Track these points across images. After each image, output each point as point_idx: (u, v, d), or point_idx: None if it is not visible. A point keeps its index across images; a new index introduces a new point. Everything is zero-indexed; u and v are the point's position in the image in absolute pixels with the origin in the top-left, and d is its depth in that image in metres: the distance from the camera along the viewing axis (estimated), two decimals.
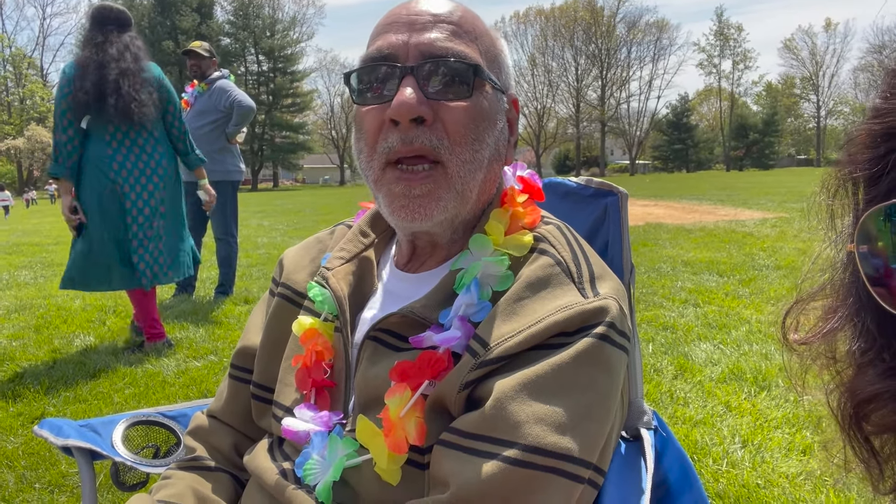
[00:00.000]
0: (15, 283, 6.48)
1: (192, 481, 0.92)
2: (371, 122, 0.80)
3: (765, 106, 77.42)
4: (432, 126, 0.78)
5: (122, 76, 3.45)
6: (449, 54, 0.79)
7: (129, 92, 3.43)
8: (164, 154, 3.66)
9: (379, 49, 0.81)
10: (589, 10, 70.67)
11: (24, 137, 54.84)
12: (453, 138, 0.79)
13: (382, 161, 0.80)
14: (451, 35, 0.81)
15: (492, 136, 0.83)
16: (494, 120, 0.83)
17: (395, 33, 0.81)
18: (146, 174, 3.55)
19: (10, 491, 2.15)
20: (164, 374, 3.33)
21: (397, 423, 0.75)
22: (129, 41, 3.60)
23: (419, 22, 0.81)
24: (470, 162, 0.80)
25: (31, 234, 13.12)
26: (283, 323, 0.95)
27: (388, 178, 0.80)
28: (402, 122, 0.77)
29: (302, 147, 64.78)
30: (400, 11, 0.83)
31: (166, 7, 57.49)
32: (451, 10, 0.83)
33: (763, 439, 2.35)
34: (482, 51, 0.83)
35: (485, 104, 0.82)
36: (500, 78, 0.86)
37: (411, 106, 0.76)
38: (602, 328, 0.74)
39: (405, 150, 0.78)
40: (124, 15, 3.67)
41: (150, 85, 3.57)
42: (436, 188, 0.79)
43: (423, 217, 0.80)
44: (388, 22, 0.83)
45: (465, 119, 0.79)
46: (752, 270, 5.81)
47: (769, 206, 13.30)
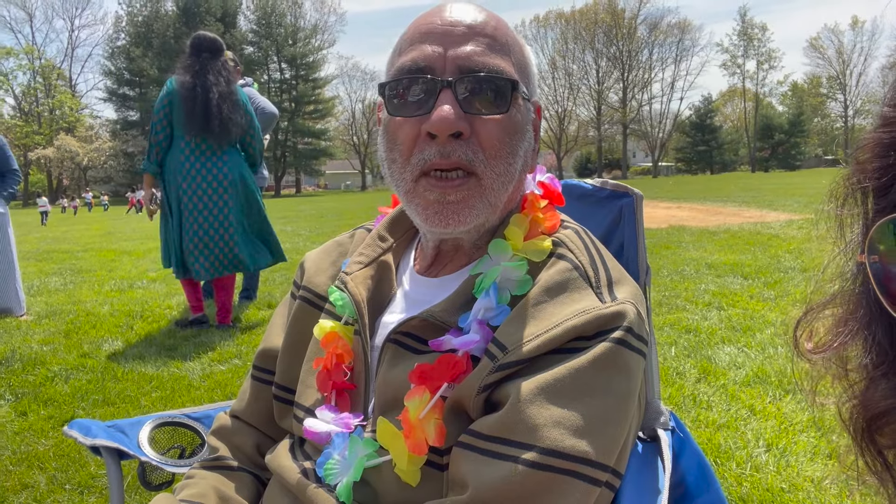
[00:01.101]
0: (45, 289, 6.63)
1: (214, 481, 0.94)
2: (407, 134, 0.81)
3: (790, 106, 76.27)
4: (468, 141, 0.79)
5: (222, 100, 4.06)
6: (487, 69, 0.79)
7: (228, 115, 4.07)
8: (227, 164, 4.18)
9: (415, 60, 0.80)
10: (610, 13, 70.30)
11: (54, 147, 56.09)
12: (489, 152, 0.80)
13: (417, 172, 0.80)
14: (487, 48, 0.81)
15: (523, 147, 0.84)
16: (525, 131, 0.84)
17: (430, 44, 0.81)
18: (206, 181, 4.11)
19: (41, 492, 2.21)
20: (189, 377, 3.38)
21: (417, 425, 0.76)
22: (221, 66, 4.19)
23: (455, 33, 0.81)
24: (504, 174, 0.81)
25: (60, 241, 13.40)
26: (304, 325, 0.97)
27: (422, 187, 0.80)
28: (440, 136, 0.77)
29: (324, 153, 65.34)
30: (434, 21, 0.83)
31: (191, 17, 58.42)
32: (485, 21, 0.83)
33: (788, 443, 2.32)
34: (515, 63, 0.83)
35: (518, 117, 0.82)
36: (529, 87, 0.86)
37: (451, 122, 0.76)
38: (620, 333, 0.74)
39: (443, 163, 0.79)
40: (217, 43, 4.25)
41: (241, 107, 4.16)
42: (469, 196, 0.80)
43: (456, 223, 0.80)
44: (424, 31, 0.82)
45: (501, 133, 0.80)
46: (777, 273, 5.73)
47: (795, 207, 13.09)
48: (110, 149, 59.10)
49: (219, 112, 4.02)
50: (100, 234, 15.32)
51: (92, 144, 59.16)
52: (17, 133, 57.00)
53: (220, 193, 4.13)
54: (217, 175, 4.12)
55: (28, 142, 57.78)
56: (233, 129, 4.10)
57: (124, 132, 59.68)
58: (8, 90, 61.48)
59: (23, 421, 2.86)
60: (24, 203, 54.52)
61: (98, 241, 13.01)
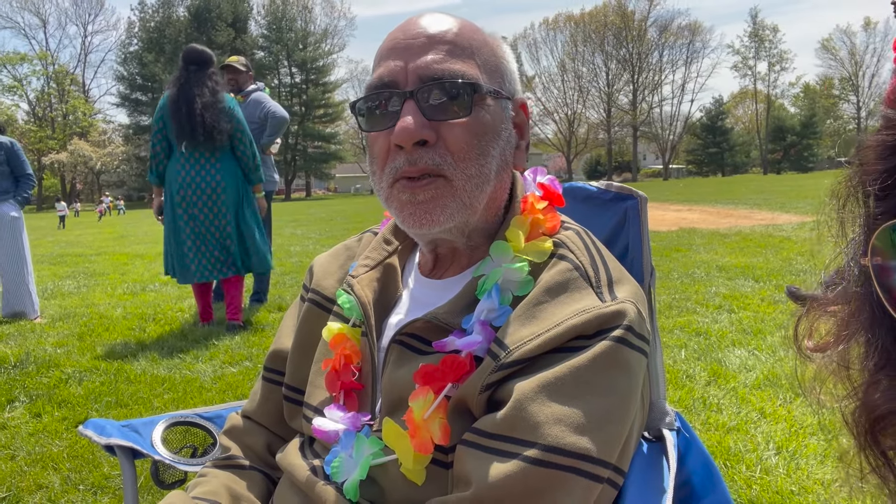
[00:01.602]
0: (59, 292, 6.70)
1: (226, 479, 0.96)
2: (380, 146, 0.84)
3: (803, 108, 75.72)
4: (435, 146, 0.81)
5: (205, 109, 4.24)
6: (445, 75, 0.81)
7: (211, 123, 4.24)
8: (220, 171, 4.36)
9: (380, 77, 0.84)
10: (619, 15, 70.14)
11: (68, 151, 56.65)
12: (457, 155, 0.81)
13: (391, 179, 0.83)
14: (447, 55, 0.83)
15: (496, 147, 0.85)
16: (498, 130, 0.85)
17: (393, 59, 0.83)
18: (201, 188, 4.30)
19: (55, 492, 2.24)
20: (201, 379, 3.41)
21: (422, 425, 0.77)
22: (207, 78, 4.36)
23: (415, 46, 0.83)
24: (476, 176, 0.83)
25: (74, 244, 13.53)
26: (313, 327, 0.99)
27: (396, 190, 0.83)
28: (405, 146, 0.80)
29: (334, 156, 65.56)
30: (397, 36, 0.86)
31: (202, 23, 58.89)
32: (446, 29, 0.85)
33: (798, 446, 2.32)
34: (480, 64, 0.85)
35: (486, 118, 0.83)
36: (504, 86, 0.87)
37: (412, 131, 0.79)
38: (619, 331, 0.75)
39: (411, 171, 0.81)
40: (205, 55, 4.43)
41: (226, 114, 4.34)
42: (439, 195, 0.82)
43: (430, 222, 0.82)
44: (388, 47, 0.85)
45: (467, 136, 0.82)
46: (789, 275, 5.69)
47: (808, 209, 13.00)
48: (123, 153, 59.65)
49: (202, 120, 4.20)
50: (112, 237, 15.46)
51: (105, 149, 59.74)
52: (31, 138, 57.63)
53: (213, 199, 4.33)
54: (210, 182, 4.32)
55: (42, 146, 58.40)
56: (217, 136, 4.27)
57: (137, 137, 60.20)
58: (22, 95, 62.20)
59: (37, 422, 2.90)
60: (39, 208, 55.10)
61: (111, 244, 13.12)
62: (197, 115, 4.19)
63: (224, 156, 4.38)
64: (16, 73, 61.73)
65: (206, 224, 4.32)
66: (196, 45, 4.47)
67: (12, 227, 5.17)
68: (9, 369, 3.72)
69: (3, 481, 2.32)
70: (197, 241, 4.31)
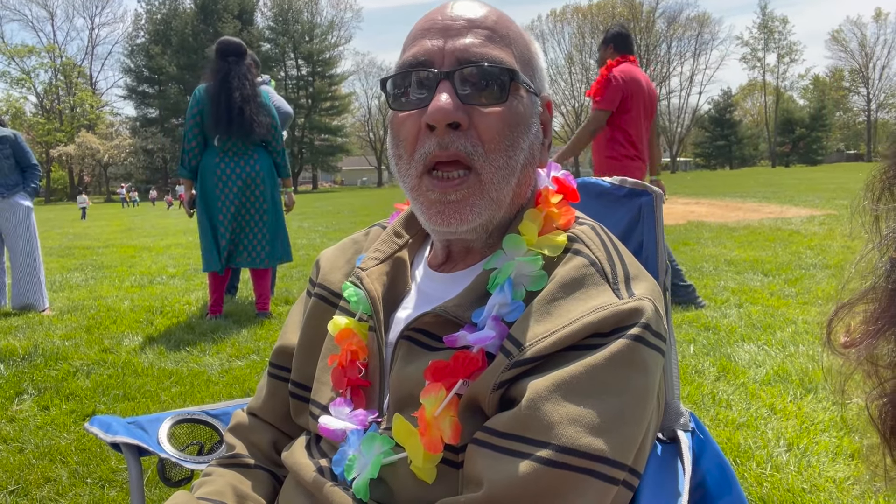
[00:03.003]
0: (67, 284, 6.72)
1: (231, 478, 0.94)
2: (409, 128, 0.81)
3: (812, 100, 75.18)
4: (467, 132, 0.79)
5: (245, 102, 4.28)
6: (484, 59, 0.80)
7: (251, 115, 4.28)
8: (258, 161, 4.44)
9: (415, 55, 0.81)
10: (627, 6, 69.72)
11: (75, 144, 56.86)
12: (488, 145, 0.79)
13: (420, 168, 0.81)
14: (486, 40, 0.81)
15: (526, 140, 0.83)
16: (529, 124, 0.84)
17: (430, 39, 0.82)
18: (241, 179, 4.37)
19: (63, 485, 2.24)
20: (208, 373, 3.41)
21: (432, 423, 0.76)
22: (247, 70, 4.39)
23: (454, 27, 0.81)
24: (504, 168, 0.81)
25: (81, 237, 13.59)
26: (319, 322, 0.97)
27: (425, 186, 0.81)
28: (438, 126, 0.78)
29: (340, 149, 65.58)
30: (435, 17, 0.84)
31: (209, 15, 58.86)
32: (485, 15, 0.83)
33: (809, 443, 2.29)
34: (517, 55, 0.83)
35: (520, 109, 0.82)
36: (534, 81, 0.86)
37: (447, 111, 0.77)
38: (637, 329, 0.73)
39: (442, 155, 0.79)
40: (241, 47, 4.46)
41: (265, 108, 4.38)
42: (469, 194, 0.80)
43: (458, 222, 0.81)
44: (424, 28, 0.83)
45: (500, 125, 0.80)
46: (798, 269, 5.65)
47: (817, 202, 12.92)
48: (130, 146, 59.81)
49: (240, 112, 4.24)
50: (120, 230, 15.52)
51: (112, 141, 59.91)
52: (39, 130, 57.87)
53: (252, 190, 4.41)
54: (251, 173, 4.39)
55: (50, 139, 58.62)
56: (256, 129, 4.33)
57: (144, 129, 60.39)
58: (30, 88, 62.42)
59: (45, 415, 2.91)
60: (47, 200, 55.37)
61: (118, 237, 13.17)
62: (236, 107, 4.23)
63: (257, 149, 4.46)
64: (24, 66, 61.99)
65: (245, 216, 4.40)
66: (230, 38, 4.53)
67: (27, 218, 5.21)
68: (17, 362, 3.73)
69: (12, 474, 2.33)
70: (236, 232, 4.40)
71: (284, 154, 4.64)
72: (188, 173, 4.41)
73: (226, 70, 4.31)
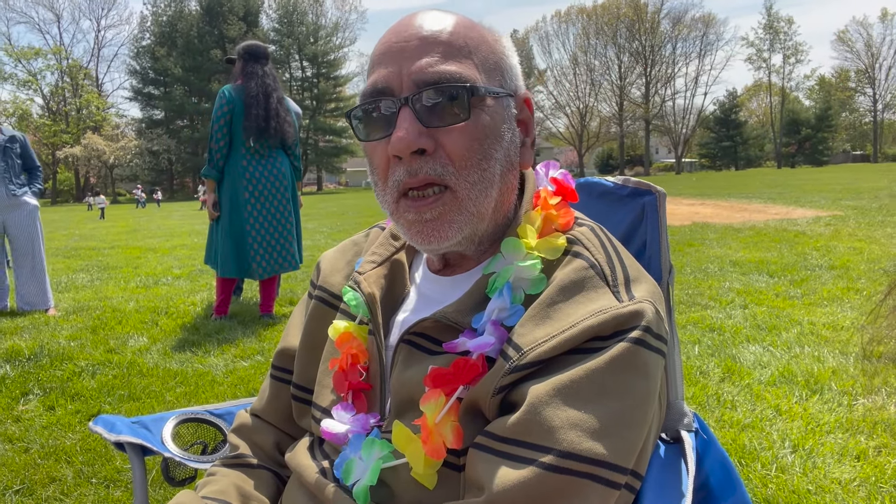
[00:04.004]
0: (73, 285, 6.75)
1: (235, 478, 0.95)
2: (379, 157, 0.81)
3: (818, 100, 74.89)
4: (435, 154, 0.78)
5: (280, 103, 4.41)
6: (441, 79, 0.77)
7: (284, 117, 4.40)
8: (283, 164, 4.51)
9: (374, 83, 0.80)
10: (632, 7, 69.57)
11: (81, 146, 57.05)
12: (458, 163, 0.78)
13: (395, 193, 0.80)
14: (441, 57, 0.79)
15: (500, 149, 0.82)
16: (500, 132, 0.82)
17: (386, 65, 0.80)
18: (270, 181, 4.42)
19: (68, 485, 2.25)
20: (213, 373, 3.42)
21: (434, 430, 0.75)
22: (275, 72, 4.51)
23: (408, 49, 0.79)
24: (479, 182, 0.80)
25: (87, 238, 13.63)
26: (320, 325, 0.97)
27: (402, 208, 0.81)
28: (403, 157, 0.77)
29: (345, 150, 65.56)
30: (390, 39, 0.82)
31: (214, 17, 59.03)
32: (440, 29, 0.80)
33: (815, 444, 2.28)
34: (478, 63, 0.81)
35: (486, 119, 0.80)
36: (505, 83, 0.84)
37: (408, 142, 0.76)
38: (637, 332, 0.73)
39: (412, 182, 0.78)
40: (268, 50, 4.56)
41: (289, 111, 4.45)
42: (446, 211, 0.79)
43: (437, 239, 0.80)
44: (381, 52, 0.82)
45: (467, 141, 0.78)
46: (804, 270, 5.63)
47: (823, 203, 12.86)
48: (136, 147, 59.99)
49: (276, 115, 4.35)
50: (126, 231, 15.57)
51: (118, 143, 60.08)
52: (45, 132, 58.11)
53: (281, 192, 4.48)
54: (278, 175, 4.46)
55: (56, 140, 58.86)
56: (287, 131, 4.44)
57: (149, 131, 60.53)
58: (37, 90, 62.66)
59: (51, 415, 2.92)
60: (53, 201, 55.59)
61: (124, 238, 13.21)
62: (273, 109, 4.32)
63: (279, 152, 4.52)
64: (30, 68, 62.23)
65: (277, 218, 4.45)
66: (255, 41, 4.61)
67: (33, 218, 5.24)
68: (23, 362, 3.75)
69: (17, 474, 2.34)
70: (269, 235, 4.43)
71: (300, 158, 4.73)
72: (217, 174, 4.39)
73: (261, 73, 4.38)
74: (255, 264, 4.41)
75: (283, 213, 4.48)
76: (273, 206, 4.43)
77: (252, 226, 4.37)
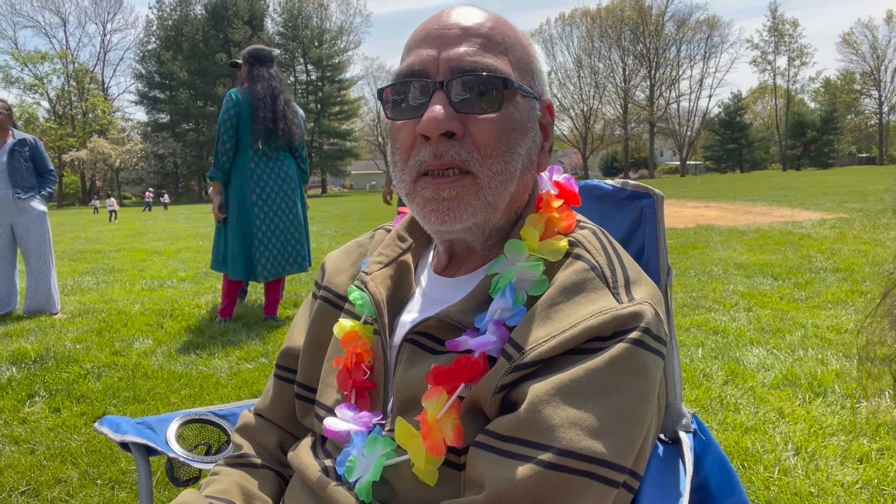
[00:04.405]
0: (79, 288, 6.78)
1: (238, 477, 0.96)
2: (405, 137, 0.82)
3: (823, 103, 74.67)
4: (462, 140, 0.79)
5: (287, 105, 4.44)
6: (478, 68, 0.80)
7: (291, 119, 4.43)
8: (290, 167, 4.54)
9: (410, 65, 0.82)
10: (636, 10, 69.53)
11: (87, 149, 57.33)
12: (483, 151, 0.80)
13: (414, 173, 0.82)
14: (480, 48, 0.81)
15: (523, 145, 0.84)
16: (526, 129, 0.84)
17: (425, 48, 0.82)
18: (278, 184, 4.44)
19: (73, 486, 2.26)
20: (217, 375, 3.44)
21: (435, 426, 0.76)
22: (279, 74, 4.54)
23: (449, 36, 0.82)
24: (501, 173, 0.81)
25: (93, 241, 13.69)
26: (324, 325, 0.98)
27: (420, 186, 0.82)
28: (432, 137, 0.79)
29: (349, 153, 65.72)
30: (431, 26, 0.84)
31: (219, 20, 59.26)
32: (481, 22, 0.83)
33: (818, 447, 2.28)
34: (513, 61, 0.84)
35: (515, 115, 0.82)
36: (533, 85, 0.86)
37: (440, 121, 0.77)
38: (637, 333, 0.74)
39: (436, 164, 0.80)
40: (273, 53, 4.61)
41: (296, 113, 4.48)
42: (464, 192, 0.80)
43: (452, 219, 0.81)
44: (420, 37, 0.84)
45: (495, 132, 0.80)
46: (808, 273, 5.62)
47: (828, 206, 12.83)
48: (141, 150, 60.26)
49: (284, 116, 4.38)
50: (131, 234, 15.62)
51: (124, 146, 60.36)
52: (51, 135, 58.39)
53: (289, 194, 4.51)
54: (285, 177, 4.49)
55: (62, 144, 59.14)
56: (295, 132, 4.47)
57: (155, 134, 60.81)
58: (43, 94, 63.01)
59: (56, 417, 2.94)
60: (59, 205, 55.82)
61: (129, 241, 13.27)
62: (280, 111, 4.36)
63: (286, 154, 4.55)
64: (37, 72, 62.57)
65: (283, 220, 4.47)
66: (260, 45, 4.64)
67: (40, 222, 5.26)
68: (29, 364, 3.77)
69: (23, 475, 2.35)
70: (277, 238, 4.46)
71: (307, 160, 4.75)
72: (224, 176, 4.41)
73: (267, 76, 4.41)
74: (259, 266, 4.43)
75: (290, 215, 4.50)
76: (280, 208, 4.45)
77: (259, 228, 4.40)
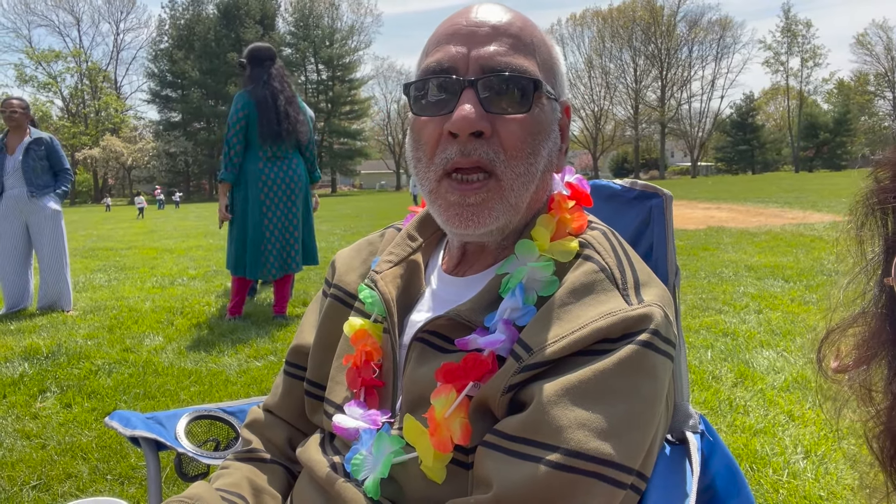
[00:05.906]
0: (90, 285, 6.84)
1: (248, 472, 0.96)
2: (430, 133, 0.82)
3: (836, 104, 74.00)
4: (490, 140, 0.79)
5: (289, 104, 4.40)
6: (509, 68, 0.80)
7: (295, 117, 4.41)
8: (298, 166, 4.54)
9: (439, 61, 0.81)
10: (648, 10, 69.25)
11: (100, 147, 57.78)
12: (510, 152, 0.80)
13: (440, 172, 0.81)
14: (510, 48, 0.81)
15: (546, 147, 0.84)
16: (549, 131, 0.84)
17: (455, 45, 0.81)
18: (285, 183, 4.45)
19: (84, 481, 2.28)
20: (226, 373, 3.45)
21: (442, 424, 0.77)
22: (283, 71, 4.50)
23: (479, 34, 0.81)
24: (524, 175, 0.81)
25: (105, 239, 13.79)
26: (334, 323, 0.98)
27: (444, 188, 0.82)
28: (461, 135, 0.78)
29: (359, 153, 65.90)
30: (460, 21, 0.83)
31: (231, 20, 59.54)
32: (510, 21, 0.83)
33: (827, 450, 2.27)
34: (540, 62, 0.83)
35: (541, 117, 0.82)
36: (555, 87, 0.86)
37: (471, 121, 0.77)
38: (646, 335, 0.74)
39: (464, 162, 0.79)
40: (273, 51, 4.55)
41: (302, 111, 4.46)
42: (489, 198, 0.80)
43: (475, 225, 0.81)
44: (449, 32, 0.83)
45: (522, 133, 0.80)
46: (820, 276, 5.58)
47: (840, 208, 12.71)
48: (153, 149, 60.64)
49: (286, 115, 4.36)
50: (143, 232, 15.73)
51: (136, 145, 60.80)
52: (64, 134, 58.87)
53: (297, 195, 4.51)
54: (294, 178, 4.49)
55: (75, 142, 59.62)
56: (301, 130, 4.46)
57: (167, 133, 61.18)
58: (57, 92, 63.57)
59: (67, 413, 2.96)
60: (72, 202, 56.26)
61: (141, 239, 13.35)
62: (282, 110, 4.35)
63: (295, 153, 4.56)
64: (50, 71, 63.15)
65: (291, 220, 4.49)
66: (261, 43, 4.62)
67: (54, 221, 5.30)
68: (41, 360, 3.81)
69: (35, 470, 2.38)
70: (281, 237, 4.47)
71: (315, 159, 4.76)
72: (233, 177, 4.43)
73: (266, 77, 4.40)
74: (268, 264, 4.47)
75: (291, 215, 4.51)
76: (286, 208, 4.48)
77: (266, 227, 4.43)
